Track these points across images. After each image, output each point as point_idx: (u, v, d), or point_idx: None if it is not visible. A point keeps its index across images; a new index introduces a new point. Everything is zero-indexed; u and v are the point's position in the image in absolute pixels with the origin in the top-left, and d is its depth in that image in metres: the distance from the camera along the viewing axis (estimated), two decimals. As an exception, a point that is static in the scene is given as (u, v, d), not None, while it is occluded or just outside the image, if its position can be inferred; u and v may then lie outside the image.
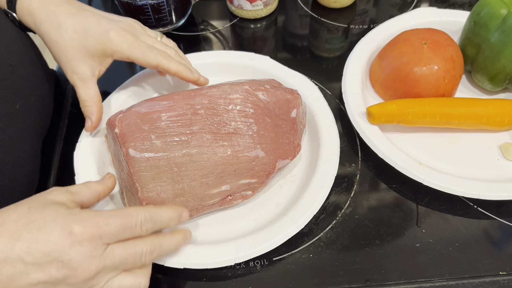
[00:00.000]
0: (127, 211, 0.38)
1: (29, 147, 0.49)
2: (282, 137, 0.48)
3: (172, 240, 0.41)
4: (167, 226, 0.40)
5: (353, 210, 0.49)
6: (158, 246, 0.39)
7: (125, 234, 0.37)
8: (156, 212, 0.39)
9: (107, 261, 0.35)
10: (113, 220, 0.36)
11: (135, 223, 0.37)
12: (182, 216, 0.41)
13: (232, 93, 0.47)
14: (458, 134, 0.54)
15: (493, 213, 0.49)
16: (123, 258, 0.36)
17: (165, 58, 0.50)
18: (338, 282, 0.44)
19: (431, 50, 0.53)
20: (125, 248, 0.37)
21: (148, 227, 0.38)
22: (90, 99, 0.49)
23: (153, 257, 0.39)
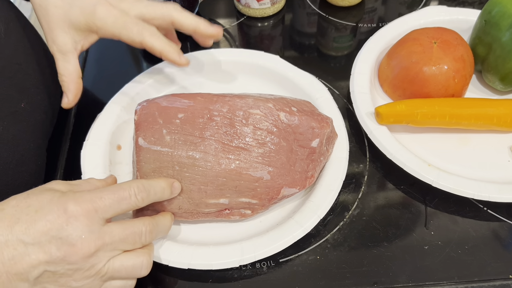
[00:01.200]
0: (119, 185, 0.38)
1: (33, 146, 0.49)
2: (295, 164, 0.46)
3: (165, 219, 0.42)
4: (161, 197, 0.41)
5: (360, 211, 0.49)
6: (155, 225, 0.39)
7: (121, 206, 0.37)
8: (148, 182, 0.40)
9: (106, 238, 0.36)
10: (106, 194, 0.37)
11: (128, 194, 0.38)
12: (174, 187, 0.42)
13: (253, 107, 0.46)
14: (468, 135, 0.53)
15: (504, 216, 0.48)
16: (123, 236, 0.37)
17: (151, 34, 0.47)
18: (345, 284, 0.44)
19: (440, 50, 0.52)
20: (124, 228, 0.37)
21: (143, 196, 0.39)
22: (68, 74, 0.47)
23: (152, 237, 0.39)
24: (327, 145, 0.48)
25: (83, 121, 0.56)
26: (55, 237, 0.34)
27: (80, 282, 0.35)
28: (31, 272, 0.33)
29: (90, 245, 0.35)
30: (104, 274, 0.36)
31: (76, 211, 0.35)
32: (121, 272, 0.37)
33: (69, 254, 0.34)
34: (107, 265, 0.36)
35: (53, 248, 0.34)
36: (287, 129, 0.46)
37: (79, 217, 0.35)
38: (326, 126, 0.47)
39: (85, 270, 0.35)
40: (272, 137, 0.45)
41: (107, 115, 0.53)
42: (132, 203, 0.38)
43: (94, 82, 0.62)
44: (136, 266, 0.38)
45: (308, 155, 0.47)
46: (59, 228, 0.34)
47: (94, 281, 0.36)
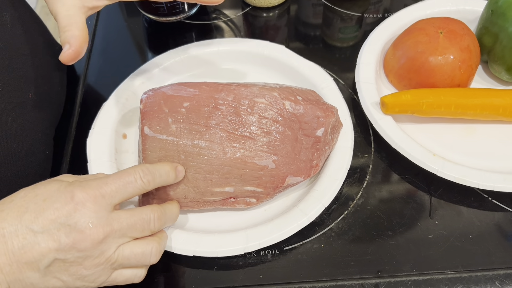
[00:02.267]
0: (124, 170, 0.39)
1: (41, 136, 0.49)
2: (300, 153, 0.46)
3: (173, 206, 0.42)
4: (166, 180, 0.41)
5: (365, 200, 0.49)
6: (163, 212, 0.40)
7: (128, 190, 0.37)
8: (152, 166, 0.40)
9: (114, 224, 0.36)
10: (112, 179, 0.37)
11: (134, 177, 0.38)
12: (178, 170, 0.43)
13: (259, 96, 0.46)
14: (474, 125, 0.53)
15: (508, 205, 0.48)
16: (131, 223, 0.37)
17: None
18: (350, 272, 0.44)
19: (447, 40, 0.52)
20: (132, 214, 0.37)
21: (149, 178, 0.39)
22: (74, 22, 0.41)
23: (161, 224, 0.39)
24: (332, 135, 0.49)
25: (89, 110, 0.56)
26: (64, 225, 0.34)
27: (91, 270, 0.36)
28: (41, 261, 0.34)
29: (98, 231, 0.35)
30: (114, 261, 0.36)
31: (83, 197, 0.35)
32: (131, 260, 0.37)
33: (78, 241, 0.34)
34: (117, 252, 0.36)
35: (62, 236, 0.34)
36: (292, 118, 0.46)
37: (86, 204, 0.35)
38: (331, 115, 0.47)
39: (94, 257, 0.35)
40: (277, 126, 0.45)
41: (112, 104, 0.53)
42: (139, 187, 0.38)
43: (100, 71, 0.62)
44: (146, 253, 0.38)
45: (313, 144, 0.47)
46: (67, 216, 0.34)
47: (105, 269, 0.36)
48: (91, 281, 0.36)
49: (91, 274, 0.36)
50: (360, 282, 0.43)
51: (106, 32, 0.66)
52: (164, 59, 0.58)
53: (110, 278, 0.37)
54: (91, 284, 0.37)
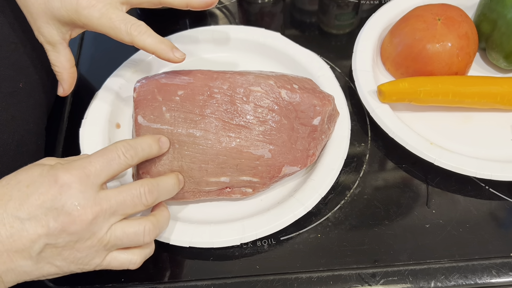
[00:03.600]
0: (105, 148, 0.38)
1: (33, 126, 0.48)
2: (296, 142, 0.45)
3: (168, 178, 0.41)
4: (149, 152, 0.40)
5: (362, 190, 0.49)
6: (156, 185, 0.38)
7: (112, 166, 0.37)
8: (133, 141, 0.39)
9: (102, 203, 0.35)
10: (95, 158, 0.36)
11: (116, 154, 0.37)
12: (161, 141, 0.42)
13: (254, 84, 0.45)
14: (471, 114, 0.53)
15: (505, 194, 0.48)
16: (120, 199, 0.36)
17: (140, 33, 0.43)
18: (346, 262, 0.44)
19: (445, 26, 0.51)
20: (120, 191, 0.36)
21: (132, 153, 0.38)
22: (60, 64, 0.46)
23: (154, 197, 0.38)
24: (329, 123, 0.48)
25: (81, 99, 0.55)
26: (51, 209, 0.33)
27: (84, 252, 0.35)
28: (32, 248, 0.33)
29: (87, 212, 0.34)
30: (106, 242, 0.36)
31: (68, 179, 0.34)
32: (123, 240, 0.36)
33: (67, 224, 0.34)
34: (109, 232, 0.36)
35: (50, 220, 0.33)
36: (288, 107, 0.45)
37: (72, 185, 0.34)
38: (328, 104, 0.47)
39: (86, 239, 0.35)
40: (273, 114, 0.45)
41: (105, 93, 0.52)
42: (122, 162, 0.37)
43: (92, 59, 0.61)
44: (139, 233, 0.37)
45: (309, 133, 0.46)
46: (53, 199, 0.34)
47: (98, 250, 0.36)
48: (85, 263, 0.36)
49: (84, 256, 0.35)
50: (357, 271, 0.43)
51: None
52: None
53: (104, 262, 0.37)
54: (86, 266, 0.36)
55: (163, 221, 0.40)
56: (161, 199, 0.40)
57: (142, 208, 0.38)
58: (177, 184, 0.42)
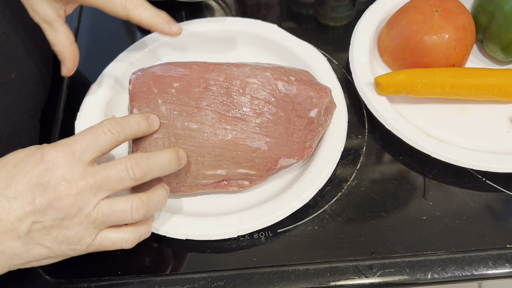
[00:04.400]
0: (92, 126, 0.37)
1: (25, 117, 0.47)
2: (293, 134, 0.45)
3: (162, 153, 0.39)
4: (137, 129, 0.39)
5: (359, 182, 0.48)
6: (146, 158, 0.37)
7: (98, 143, 0.36)
8: (121, 118, 0.39)
9: (88, 178, 0.35)
10: (80, 135, 0.36)
11: (102, 130, 0.36)
12: (151, 118, 0.41)
13: (251, 76, 0.45)
14: (468, 106, 0.53)
15: (502, 186, 0.48)
16: (105, 174, 0.35)
17: (136, 6, 0.43)
18: (343, 254, 0.44)
19: (442, 18, 0.51)
20: (106, 165, 0.36)
21: (118, 129, 0.37)
22: (59, 43, 0.45)
23: (142, 171, 0.37)
24: (326, 116, 0.48)
25: (76, 91, 0.55)
26: (36, 185, 0.33)
27: (73, 230, 0.35)
28: (19, 226, 0.33)
29: (71, 187, 0.34)
30: (94, 219, 0.35)
31: (53, 155, 0.34)
32: (111, 217, 0.36)
33: (53, 199, 0.33)
34: (96, 209, 0.35)
35: (37, 196, 0.33)
36: (285, 99, 0.45)
37: (57, 161, 0.34)
38: (325, 96, 0.46)
39: (73, 215, 0.34)
40: (270, 107, 0.44)
41: (101, 85, 0.52)
42: (109, 138, 0.37)
43: (88, 52, 0.60)
44: (126, 210, 0.36)
45: (306, 125, 0.46)
46: (38, 176, 0.33)
47: (87, 228, 0.35)
48: (76, 243, 0.35)
49: (74, 235, 0.35)
50: (354, 263, 0.43)
51: (93, 12, 0.64)
52: (153, 39, 0.56)
53: (96, 241, 0.36)
54: (77, 246, 0.36)
55: (155, 199, 0.38)
56: (153, 174, 0.38)
57: (130, 183, 0.36)
58: (175, 160, 0.40)
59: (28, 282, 0.43)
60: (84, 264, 0.44)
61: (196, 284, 0.42)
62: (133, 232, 0.38)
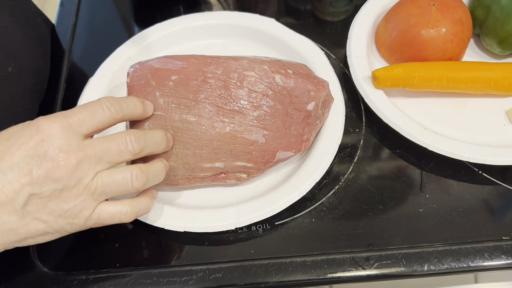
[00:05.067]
0: (90, 102, 0.37)
1: (23, 111, 0.48)
2: (290, 127, 0.45)
3: (155, 131, 0.40)
4: (134, 111, 0.40)
5: (356, 175, 0.49)
6: (143, 134, 0.38)
7: (96, 117, 0.36)
8: (119, 98, 0.39)
9: (87, 149, 0.34)
10: (78, 109, 0.36)
11: (100, 106, 0.36)
12: (146, 104, 0.41)
13: (248, 69, 0.45)
14: (465, 99, 0.53)
15: (498, 179, 0.48)
16: (105, 147, 0.35)
17: None
18: (341, 246, 0.44)
19: (439, 12, 0.51)
20: (105, 138, 0.36)
21: (117, 108, 0.37)
22: None
23: (140, 145, 0.37)
24: (323, 109, 0.48)
25: (74, 85, 0.55)
26: (33, 156, 0.33)
27: (71, 202, 0.34)
28: (16, 199, 0.32)
29: (70, 157, 0.33)
30: (94, 190, 0.35)
31: (49, 126, 0.33)
32: (112, 186, 0.36)
33: (51, 170, 0.33)
34: (95, 179, 0.35)
35: (34, 167, 0.32)
36: (283, 92, 0.45)
37: (54, 131, 0.33)
38: (322, 89, 0.46)
39: (72, 187, 0.34)
40: (267, 100, 0.45)
41: (99, 79, 0.52)
42: (107, 115, 0.36)
43: (85, 46, 0.60)
44: (127, 178, 0.36)
45: (303, 118, 0.46)
46: (35, 147, 0.33)
47: (86, 200, 0.35)
48: (74, 216, 0.35)
49: (72, 208, 0.34)
50: (351, 255, 0.43)
51: (91, 5, 0.64)
52: (151, 33, 0.56)
53: (94, 214, 0.36)
54: (75, 220, 0.35)
55: (154, 170, 0.39)
56: (149, 150, 0.39)
57: (130, 156, 0.37)
58: (165, 139, 0.41)
59: (27, 274, 0.43)
60: (82, 256, 0.44)
61: (194, 276, 0.43)
62: (131, 205, 0.38)
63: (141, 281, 0.42)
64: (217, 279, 0.42)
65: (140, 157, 0.38)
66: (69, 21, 0.62)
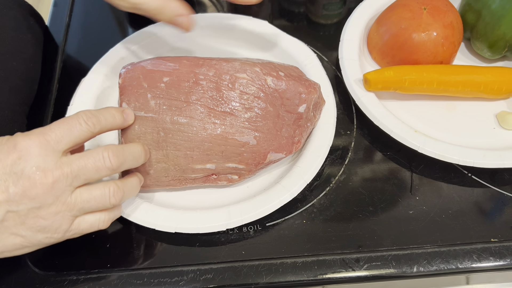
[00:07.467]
0: (67, 117, 0.37)
1: (8, 112, 0.47)
2: (281, 129, 0.45)
3: (134, 145, 0.40)
4: (113, 122, 0.39)
5: (347, 177, 0.49)
6: (121, 149, 0.38)
7: (73, 133, 0.36)
8: (96, 110, 0.38)
9: (64, 167, 0.34)
10: (55, 125, 0.36)
11: (78, 121, 0.36)
12: (125, 113, 0.41)
13: (240, 71, 0.45)
14: (455, 102, 0.53)
15: (487, 181, 0.49)
16: (82, 164, 0.35)
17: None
18: (331, 247, 0.44)
19: (430, 16, 0.51)
20: (82, 155, 0.36)
21: (94, 121, 0.37)
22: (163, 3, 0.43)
23: (119, 161, 0.37)
24: (314, 111, 0.48)
25: (67, 86, 0.55)
26: (10, 174, 0.33)
27: (49, 219, 0.34)
28: None
29: (47, 175, 0.33)
30: (72, 206, 0.35)
31: (26, 144, 0.34)
32: (91, 202, 0.36)
33: (28, 188, 0.33)
34: (74, 195, 0.35)
35: (10, 185, 0.33)
36: (274, 94, 0.46)
37: (31, 149, 0.33)
38: (314, 91, 0.47)
39: (49, 204, 0.34)
40: (259, 102, 0.45)
41: (91, 80, 0.52)
42: (84, 129, 0.36)
43: (79, 46, 0.60)
44: (105, 195, 0.36)
45: (295, 120, 0.46)
46: (12, 164, 0.33)
47: (65, 216, 0.35)
48: (53, 231, 0.35)
49: (50, 224, 0.34)
50: (342, 257, 0.44)
51: (84, 6, 0.64)
52: (144, 34, 0.56)
53: (73, 226, 0.36)
54: (55, 234, 0.35)
55: (129, 185, 0.39)
56: (128, 165, 0.39)
57: (107, 172, 0.37)
58: (143, 152, 0.41)
59: (17, 274, 0.43)
60: (73, 256, 0.44)
61: (185, 277, 0.43)
62: (107, 213, 0.38)
63: (132, 281, 0.43)
64: (208, 280, 0.43)
65: (118, 172, 0.39)
66: (62, 21, 0.62)
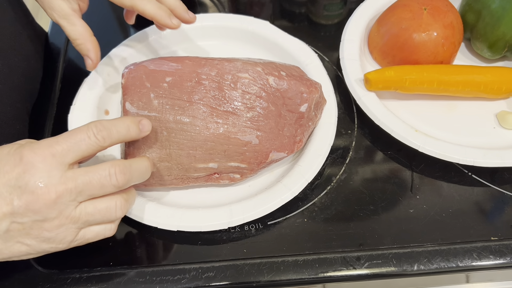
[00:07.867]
0: (78, 128, 0.36)
1: (10, 109, 0.47)
2: (283, 128, 0.46)
3: (142, 160, 0.40)
4: (126, 135, 0.38)
5: (348, 176, 0.49)
6: (129, 166, 0.37)
7: (81, 147, 0.35)
8: (109, 121, 0.37)
9: (68, 183, 0.34)
10: (63, 138, 0.35)
11: (87, 135, 0.36)
12: (142, 124, 0.39)
13: (242, 71, 0.45)
14: (455, 102, 0.54)
15: (487, 181, 0.49)
16: (87, 180, 0.35)
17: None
18: (332, 246, 0.45)
19: (430, 16, 0.52)
20: (88, 170, 0.35)
21: (104, 135, 0.36)
22: (80, 35, 0.46)
23: (126, 179, 0.36)
24: (316, 111, 0.49)
25: (70, 85, 0.55)
26: (15, 187, 0.33)
27: (53, 231, 0.34)
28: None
29: (50, 191, 0.33)
30: (77, 219, 0.35)
31: (32, 157, 0.34)
32: (95, 216, 0.36)
33: (31, 202, 0.33)
34: (79, 209, 0.35)
35: (15, 198, 0.33)
36: (276, 94, 0.46)
37: (36, 164, 0.33)
38: (315, 91, 0.47)
39: (53, 218, 0.34)
40: (261, 101, 0.45)
41: (94, 80, 0.52)
42: (93, 143, 0.36)
43: (81, 47, 0.60)
44: (111, 208, 0.36)
45: (296, 120, 0.47)
46: (17, 177, 0.33)
47: (68, 229, 0.35)
48: (58, 242, 0.35)
49: (55, 236, 0.35)
50: (342, 255, 0.44)
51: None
52: (146, 35, 0.57)
53: (78, 237, 0.36)
54: (59, 245, 0.36)
55: (133, 197, 0.39)
56: (134, 182, 0.38)
57: (112, 190, 0.36)
58: (150, 168, 0.41)
59: (20, 272, 0.43)
60: (76, 254, 0.44)
61: (187, 275, 0.43)
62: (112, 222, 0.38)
63: (134, 279, 0.43)
64: (209, 278, 0.43)
65: (123, 189, 0.38)
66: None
